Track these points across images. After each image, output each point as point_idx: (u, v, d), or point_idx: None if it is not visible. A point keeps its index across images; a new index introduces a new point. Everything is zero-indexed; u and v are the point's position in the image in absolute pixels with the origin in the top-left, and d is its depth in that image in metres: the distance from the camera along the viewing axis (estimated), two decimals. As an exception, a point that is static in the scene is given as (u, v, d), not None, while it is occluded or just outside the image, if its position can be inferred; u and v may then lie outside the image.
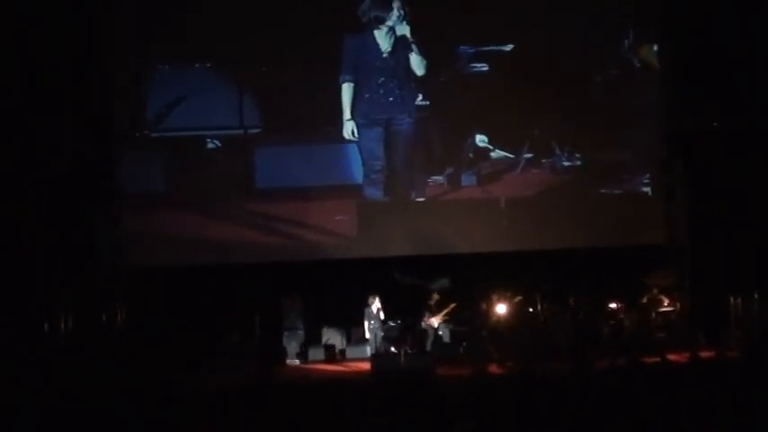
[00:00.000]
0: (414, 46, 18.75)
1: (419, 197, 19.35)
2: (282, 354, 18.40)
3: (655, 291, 18.49)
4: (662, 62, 18.97)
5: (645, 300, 18.42)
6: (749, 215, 17.72)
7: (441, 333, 18.51)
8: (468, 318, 18.52)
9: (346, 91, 18.87)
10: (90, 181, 18.20)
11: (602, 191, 19.04)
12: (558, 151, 19.13)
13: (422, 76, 18.91)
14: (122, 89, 18.67)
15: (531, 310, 18.24)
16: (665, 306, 18.35)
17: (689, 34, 18.54)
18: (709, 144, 18.38)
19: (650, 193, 19.03)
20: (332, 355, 18.54)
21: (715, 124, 18.24)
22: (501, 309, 18.05)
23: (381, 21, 18.74)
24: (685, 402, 11.02)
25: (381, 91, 18.92)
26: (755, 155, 17.79)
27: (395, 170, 19.23)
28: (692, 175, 18.75)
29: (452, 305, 18.49)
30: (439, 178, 19.25)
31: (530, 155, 19.09)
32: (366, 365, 16.97)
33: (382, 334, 18.07)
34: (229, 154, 19.12)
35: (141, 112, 18.85)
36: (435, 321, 18.39)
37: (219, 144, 19.09)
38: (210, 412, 12.39)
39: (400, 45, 18.81)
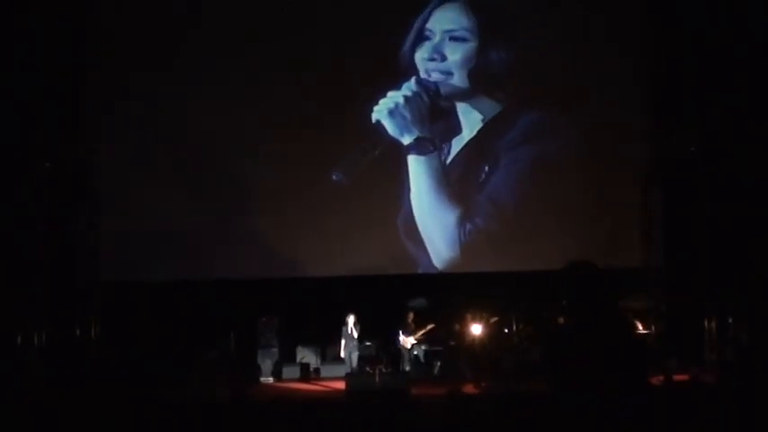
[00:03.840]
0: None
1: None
2: (257, 371, 18.38)
3: (628, 315, 18.55)
4: (641, 89, 19.05)
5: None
6: (724, 240, 17.79)
7: (416, 353, 18.51)
8: (444, 338, 18.55)
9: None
10: (66, 194, 18.10)
11: (580, 214, 19.06)
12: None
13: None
14: (101, 101, 18.58)
15: (506, 330, 18.27)
16: (639, 329, 18.41)
17: (668, 62, 18.66)
18: (685, 169, 18.48)
19: (627, 217, 19.05)
20: (305, 373, 18.57)
21: (692, 149, 18.35)
22: (476, 329, 18.07)
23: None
24: (659, 425, 11.04)
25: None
26: (731, 180, 17.89)
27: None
28: (669, 199, 18.84)
29: (431, 326, 18.50)
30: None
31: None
32: (341, 384, 16.91)
33: (357, 353, 18.07)
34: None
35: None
36: (410, 342, 18.39)
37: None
38: (184, 429, 12.33)
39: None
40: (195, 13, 18.82)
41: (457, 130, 19.06)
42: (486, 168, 19.01)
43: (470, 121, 19.09)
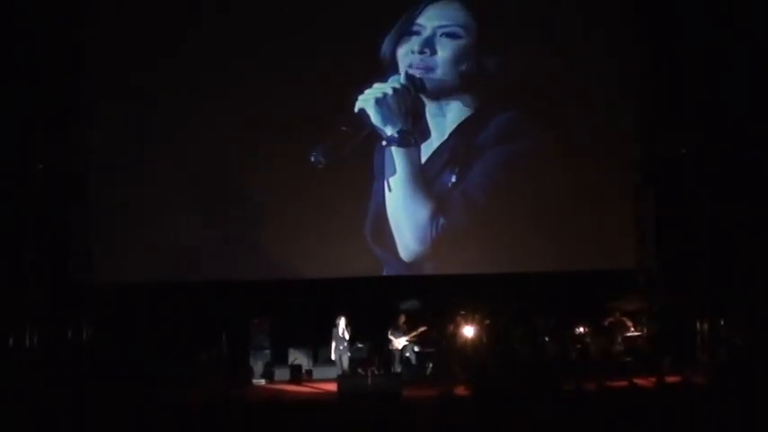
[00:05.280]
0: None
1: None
2: (249, 373, 18.35)
3: (617, 314, 18.57)
4: (634, 90, 19.05)
5: (608, 323, 18.49)
6: (717, 241, 17.81)
7: (407, 354, 18.49)
8: (436, 339, 18.52)
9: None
10: (59, 196, 18.06)
11: (572, 215, 19.05)
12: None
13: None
14: (94, 103, 18.55)
15: (498, 332, 18.26)
16: (631, 331, 18.42)
17: (660, 64, 18.67)
18: (678, 171, 18.49)
19: (620, 219, 19.04)
20: (297, 375, 18.54)
21: (684, 151, 18.35)
22: (468, 331, 18.07)
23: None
24: (651, 426, 11.03)
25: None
26: (724, 181, 17.91)
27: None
28: (662, 201, 18.84)
29: (423, 328, 18.47)
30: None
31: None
32: (332, 386, 16.88)
33: (348, 354, 18.04)
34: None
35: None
36: (400, 343, 18.36)
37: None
38: (176, 430, 12.29)
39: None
40: (187, 14, 18.82)
41: (426, 133, 19.14)
42: (459, 168, 19.06)
43: (449, 119, 19.14)
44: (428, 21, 18.95)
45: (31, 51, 17.54)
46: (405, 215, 19.04)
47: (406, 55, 18.89)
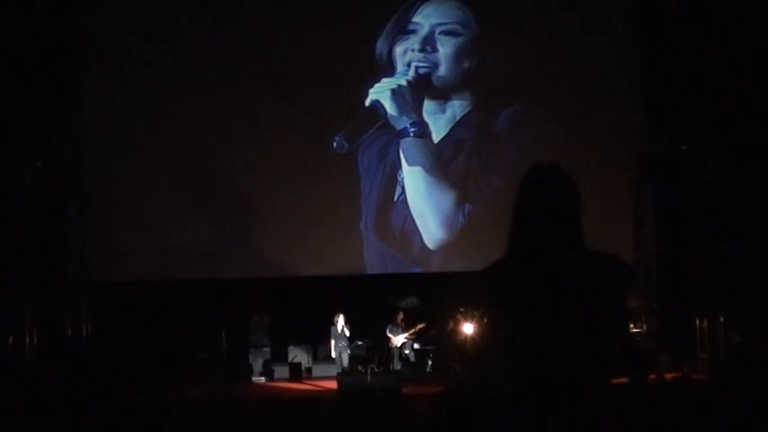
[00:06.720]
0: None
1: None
2: (248, 371, 18.37)
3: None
4: (631, 86, 19.05)
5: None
6: (716, 238, 17.81)
7: (407, 352, 18.52)
8: (435, 337, 18.55)
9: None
10: (58, 194, 18.06)
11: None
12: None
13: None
14: (94, 103, 18.53)
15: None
16: (631, 328, 18.43)
17: (658, 60, 18.67)
18: (677, 168, 18.49)
19: (619, 216, 19.03)
20: (297, 372, 18.56)
21: (684, 148, 18.35)
22: (468, 328, 18.09)
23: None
24: (649, 423, 11.04)
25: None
26: (723, 178, 17.90)
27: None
28: (661, 198, 18.84)
29: (420, 326, 18.49)
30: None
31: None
32: (332, 384, 16.90)
33: (348, 352, 18.07)
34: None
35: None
36: (399, 340, 18.38)
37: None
38: (175, 429, 12.30)
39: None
40: (186, 13, 18.82)
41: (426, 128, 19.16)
42: (464, 163, 19.04)
43: (450, 115, 19.14)
44: (425, 19, 18.93)
45: (30, 48, 17.51)
46: (427, 204, 18.93)
47: (405, 53, 18.86)
